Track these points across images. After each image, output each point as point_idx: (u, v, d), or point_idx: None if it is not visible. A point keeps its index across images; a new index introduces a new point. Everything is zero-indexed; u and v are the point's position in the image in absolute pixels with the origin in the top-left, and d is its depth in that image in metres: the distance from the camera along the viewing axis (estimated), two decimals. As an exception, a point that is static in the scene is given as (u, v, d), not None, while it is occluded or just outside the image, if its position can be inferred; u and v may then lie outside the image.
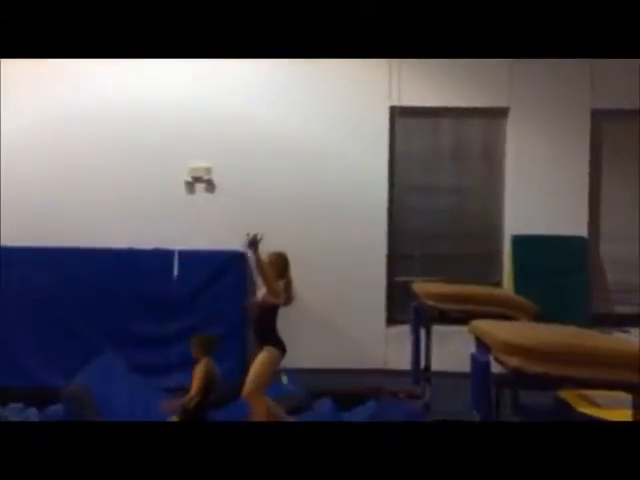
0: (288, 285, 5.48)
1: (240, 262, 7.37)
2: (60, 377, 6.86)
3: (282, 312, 5.79)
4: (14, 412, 6.25)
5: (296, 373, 6.47)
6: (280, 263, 5.46)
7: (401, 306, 7.41)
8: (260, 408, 5.23)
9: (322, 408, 6.41)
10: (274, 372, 5.42)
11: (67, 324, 7.17)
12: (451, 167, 7.97)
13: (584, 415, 4.79)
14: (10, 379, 6.87)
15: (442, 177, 7.97)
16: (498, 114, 7.81)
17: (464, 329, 4.18)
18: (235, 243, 7.21)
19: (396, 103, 7.67)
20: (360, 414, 6.20)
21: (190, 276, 7.30)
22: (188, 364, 7.02)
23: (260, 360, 5.29)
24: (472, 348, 4.01)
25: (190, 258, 7.35)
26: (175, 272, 7.31)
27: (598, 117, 7.74)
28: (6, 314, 7.15)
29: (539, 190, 7.71)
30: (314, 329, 7.20)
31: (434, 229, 7.94)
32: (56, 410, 6.22)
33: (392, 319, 7.78)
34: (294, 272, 5.88)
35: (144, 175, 7.64)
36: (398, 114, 7.73)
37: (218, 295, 7.27)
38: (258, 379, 5.27)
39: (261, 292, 5.52)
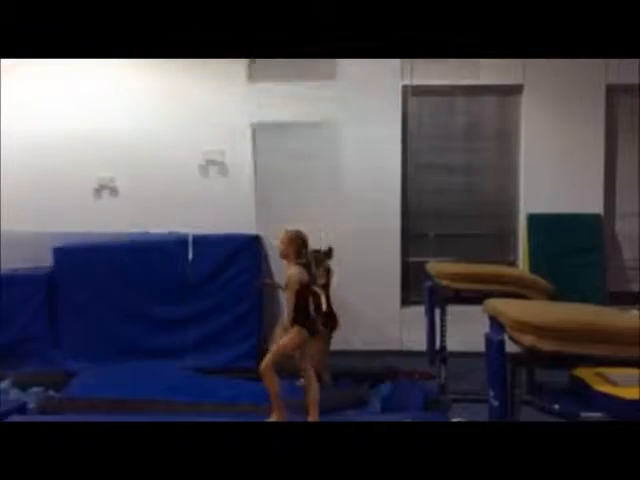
0: (308, 265, 5.42)
1: (255, 245, 7.40)
2: (78, 360, 6.99)
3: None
4: (34, 396, 6.32)
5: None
6: (298, 241, 5.41)
7: (416, 287, 7.40)
8: (271, 385, 5.22)
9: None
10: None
11: (85, 306, 7.26)
12: (465, 146, 7.92)
13: (602, 393, 4.79)
14: (30, 364, 6.99)
15: (456, 156, 7.92)
16: (512, 91, 7.74)
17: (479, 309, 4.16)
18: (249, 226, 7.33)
19: (408, 82, 7.61)
20: (376, 395, 6.21)
21: (205, 259, 7.34)
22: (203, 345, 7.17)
23: (286, 338, 5.26)
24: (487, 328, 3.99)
25: (205, 241, 7.38)
26: (190, 256, 7.35)
27: (613, 93, 7.65)
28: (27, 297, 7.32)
29: (554, 168, 7.65)
30: (329, 310, 7.21)
31: (448, 208, 7.90)
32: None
33: (407, 300, 7.77)
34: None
35: (158, 160, 7.68)
36: (411, 93, 7.68)
37: (233, 278, 7.32)
38: (274, 356, 5.26)
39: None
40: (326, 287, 6.18)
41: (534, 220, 7.64)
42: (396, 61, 7.49)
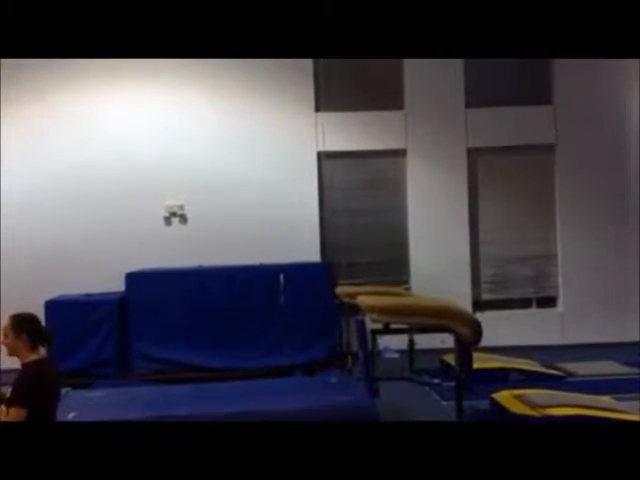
0: None
1: (329, 270, 9.34)
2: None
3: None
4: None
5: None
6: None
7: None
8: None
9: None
10: None
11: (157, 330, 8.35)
12: (366, 194, 10.50)
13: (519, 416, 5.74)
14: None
15: (360, 202, 10.47)
16: (399, 154, 10.40)
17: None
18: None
19: (322, 149, 10.23)
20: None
21: (290, 284, 8.82)
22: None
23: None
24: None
25: (290, 270, 8.93)
26: (281, 282, 8.90)
27: (472, 154, 10.41)
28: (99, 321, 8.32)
29: (432, 209, 10.31)
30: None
31: (356, 242, 10.41)
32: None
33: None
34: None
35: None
36: (324, 157, 10.28)
37: (315, 297, 8.79)
38: None
39: None
40: None
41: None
42: (312, 134, 10.06)
